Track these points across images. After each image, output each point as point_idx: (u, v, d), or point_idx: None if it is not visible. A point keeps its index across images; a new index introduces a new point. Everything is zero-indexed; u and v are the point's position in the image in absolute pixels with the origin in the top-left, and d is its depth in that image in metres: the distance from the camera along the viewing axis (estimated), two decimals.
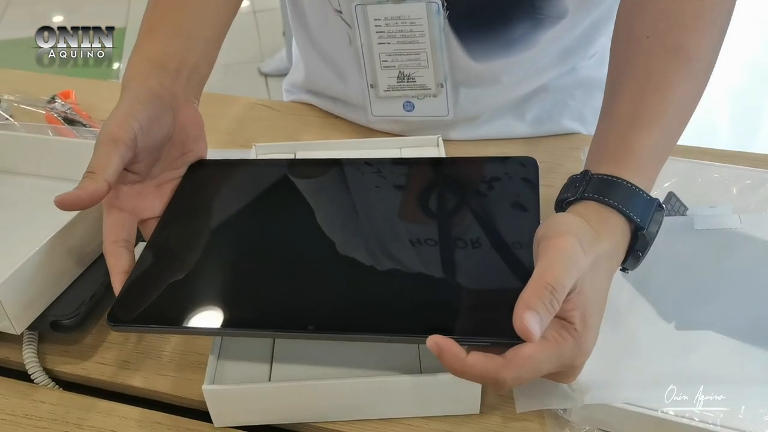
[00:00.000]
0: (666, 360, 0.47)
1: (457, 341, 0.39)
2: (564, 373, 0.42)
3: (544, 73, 0.73)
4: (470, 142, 0.76)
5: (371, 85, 0.73)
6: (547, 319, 0.38)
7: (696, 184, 0.61)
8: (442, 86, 0.71)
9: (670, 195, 0.60)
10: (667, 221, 0.57)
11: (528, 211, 0.48)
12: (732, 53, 2.45)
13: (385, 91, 0.73)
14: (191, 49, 0.56)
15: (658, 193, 0.61)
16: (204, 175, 0.55)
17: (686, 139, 0.56)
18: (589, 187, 0.46)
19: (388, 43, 0.69)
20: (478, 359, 0.38)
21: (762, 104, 2.39)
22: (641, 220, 0.45)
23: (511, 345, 0.39)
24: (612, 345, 0.48)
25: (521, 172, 0.51)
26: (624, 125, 0.48)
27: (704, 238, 0.55)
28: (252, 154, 0.65)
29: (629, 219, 0.45)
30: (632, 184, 0.46)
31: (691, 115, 0.51)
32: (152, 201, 0.52)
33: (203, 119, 0.57)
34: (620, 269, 0.47)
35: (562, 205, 0.48)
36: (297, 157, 0.65)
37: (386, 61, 0.71)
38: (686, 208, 0.59)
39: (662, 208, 0.47)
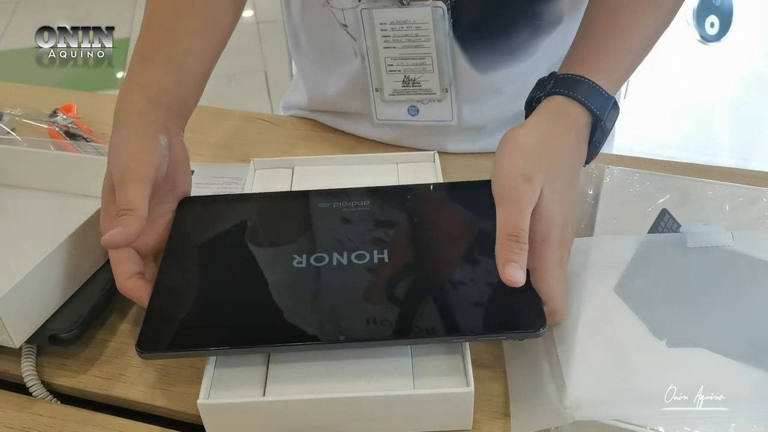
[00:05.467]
0: (657, 377, 0.47)
1: (475, 339, 0.47)
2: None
3: None
4: (468, 156, 0.76)
5: (376, 89, 0.73)
6: (522, 259, 0.47)
7: (689, 201, 0.62)
8: (447, 91, 0.72)
9: (664, 212, 0.61)
10: (660, 238, 0.58)
11: None
12: (732, 64, 2.46)
13: (390, 95, 0.73)
14: (182, 84, 0.58)
15: (652, 210, 0.61)
16: (198, 210, 0.58)
17: (688, 150, 0.58)
18: (556, 84, 0.55)
19: (394, 48, 0.70)
20: None
21: (763, 116, 2.39)
22: (600, 112, 0.54)
23: (520, 337, 0.48)
24: (603, 361, 0.49)
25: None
26: (595, 42, 0.58)
27: (696, 256, 0.55)
28: (250, 169, 0.66)
29: (589, 110, 0.53)
30: (593, 82, 0.54)
31: (651, 48, 0.61)
32: (145, 237, 0.53)
33: (200, 132, 0.57)
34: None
35: (531, 103, 0.57)
36: (294, 174, 0.66)
37: (392, 65, 0.71)
38: (679, 225, 0.59)
39: (617, 107, 0.56)
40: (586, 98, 0.53)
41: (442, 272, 0.51)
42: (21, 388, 0.54)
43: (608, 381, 0.47)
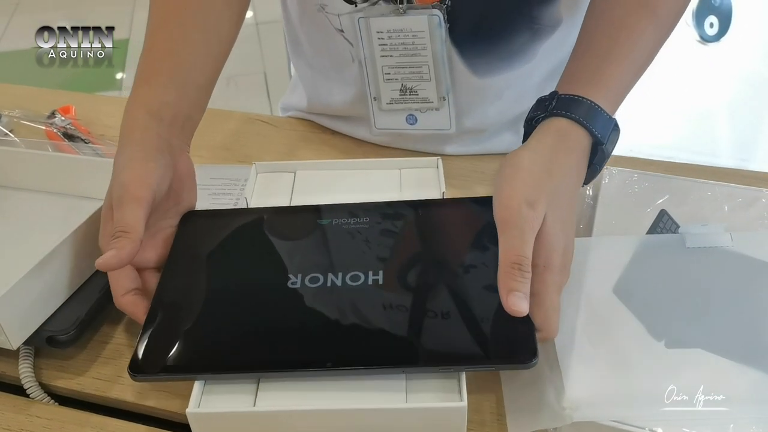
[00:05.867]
0: (655, 378, 0.47)
1: (465, 370, 0.46)
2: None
3: (543, 87, 0.74)
4: (468, 158, 0.76)
5: (374, 97, 0.73)
6: (526, 288, 0.46)
7: (688, 202, 0.62)
8: (444, 99, 0.72)
9: (663, 212, 0.61)
10: (658, 239, 0.58)
11: None
12: (731, 65, 2.46)
13: (387, 103, 0.73)
14: (185, 99, 0.58)
15: (650, 210, 0.61)
16: (200, 226, 0.58)
17: (687, 150, 0.58)
18: (557, 105, 0.54)
19: (391, 56, 0.70)
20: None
21: (762, 117, 2.40)
22: (601, 135, 0.53)
23: (512, 368, 0.47)
24: (601, 362, 0.49)
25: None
26: (597, 59, 0.57)
27: (695, 256, 0.55)
28: (251, 172, 0.65)
29: (591, 134, 0.53)
30: (595, 103, 0.53)
31: (651, 61, 0.60)
32: (146, 252, 0.54)
33: (198, 133, 0.57)
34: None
35: (531, 122, 0.55)
36: (296, 178, 0.66)
37: (389, 73, 0.71)
38: (678, 226, 0.59)
39: (618, 129, 0.55)
40: (587, 121, 0.53)
41: (436, 297, 0.50)
42: (18, 390, 0.54)
43: (607, 382, 0.47)
